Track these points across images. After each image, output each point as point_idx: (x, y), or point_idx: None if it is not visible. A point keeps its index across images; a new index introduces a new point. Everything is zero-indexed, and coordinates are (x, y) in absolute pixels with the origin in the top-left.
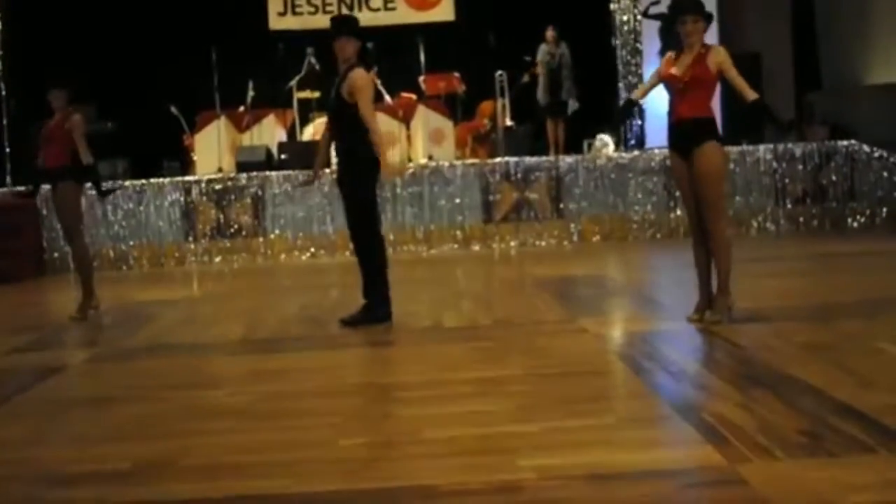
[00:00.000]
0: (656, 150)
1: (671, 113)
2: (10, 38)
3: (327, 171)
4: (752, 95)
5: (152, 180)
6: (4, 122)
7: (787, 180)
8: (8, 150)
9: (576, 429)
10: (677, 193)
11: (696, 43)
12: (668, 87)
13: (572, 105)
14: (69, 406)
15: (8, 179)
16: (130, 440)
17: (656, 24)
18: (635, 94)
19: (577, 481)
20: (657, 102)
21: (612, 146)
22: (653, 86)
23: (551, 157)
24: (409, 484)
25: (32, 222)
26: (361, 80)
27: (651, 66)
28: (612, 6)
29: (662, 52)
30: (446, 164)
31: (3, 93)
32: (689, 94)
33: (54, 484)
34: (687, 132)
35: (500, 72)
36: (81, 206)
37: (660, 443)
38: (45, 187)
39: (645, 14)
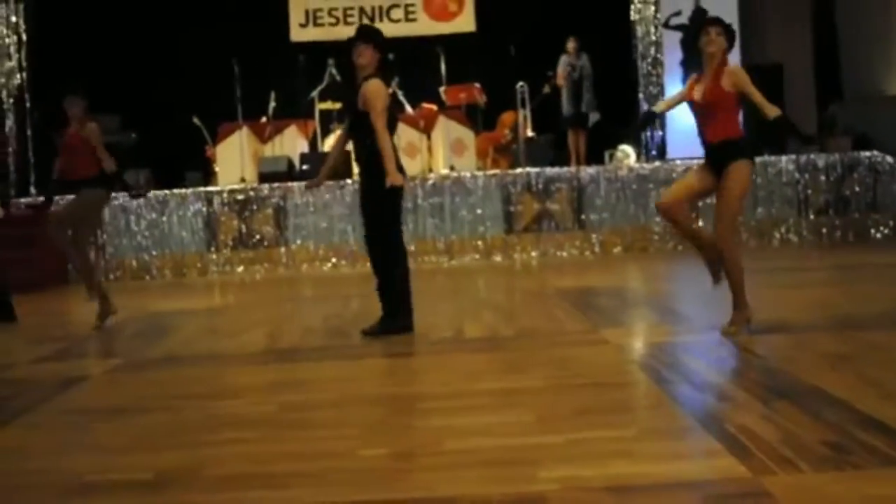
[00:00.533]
0: (678, 161)
1: (700, 134)
2: (34, 48)
3: (349, 181)
4: (773, 111)
5: (175, 191)
6: (28, 132)
7: (809, 191)
8: (32, 160)
9: (598, 440)
10: (700, 204)
11: (716, 55)
12: (691, 110)
13: (593, 117)
14: (91, 416)
15: (32, 189)
16: (152, 450)
17: (678, 35)
18: (658, 107)
19: (600, 493)
20: (679, 114)
21: (633, 157)
22: (677, 102)
23: (572, 168)
24: (431, 495)
25: None
26: (373, 91)
27: (672, 77)
28: (633, 17)
29: (684, 63)
30: (467, 174)
31: (28, 104)
32: (710, 118)
33: (76, 493)
34: (718, 155)
35: (520, 83)
36: (103, 215)
37: (682, 454)
38: (60, 198)
39: (666, 25)
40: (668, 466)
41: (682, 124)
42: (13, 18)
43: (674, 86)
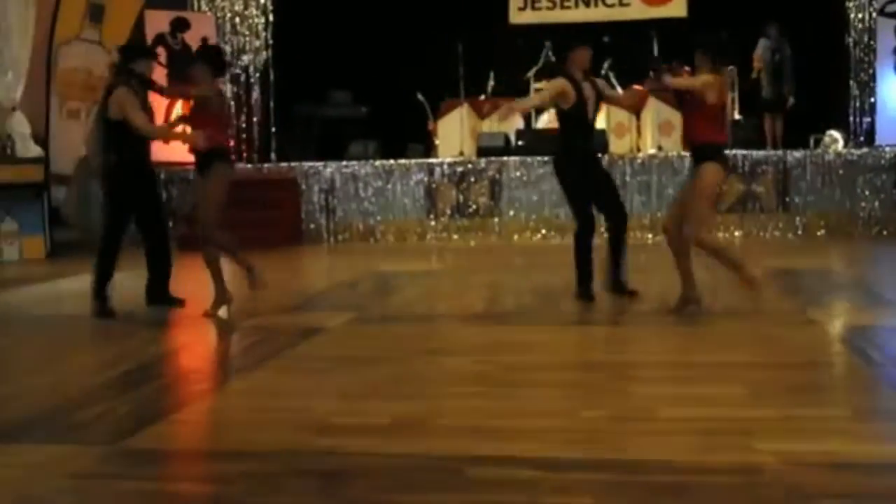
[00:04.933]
0: (887, 148)
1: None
2: (279, 28)
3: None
4: None
5: (400, 161)
6: (271, 104)
7: None
8: (273, 129)
9: (811, 417)
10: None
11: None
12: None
13: (789, 101)
14: (331, 363)
15: (272, 156)
16: (388, 398)
17: (892, 23)
18: None
19: (817, 468)
20: (889, 99)
21: (841, 142)
22: None
23: (779, 152)
24: (649, 458)
25: (293, 196)
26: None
27: (884, 65)
28: (848, 4)
29: None
30: (674, 154)
31: (272, 78)
32: None
33: (322, 432)
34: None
35: (729, 67)
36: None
37: None
38: None
39: (881, 12)
40: (884, 447)
41: (891, 111)
42: (262, 0)
43: (885, 73)
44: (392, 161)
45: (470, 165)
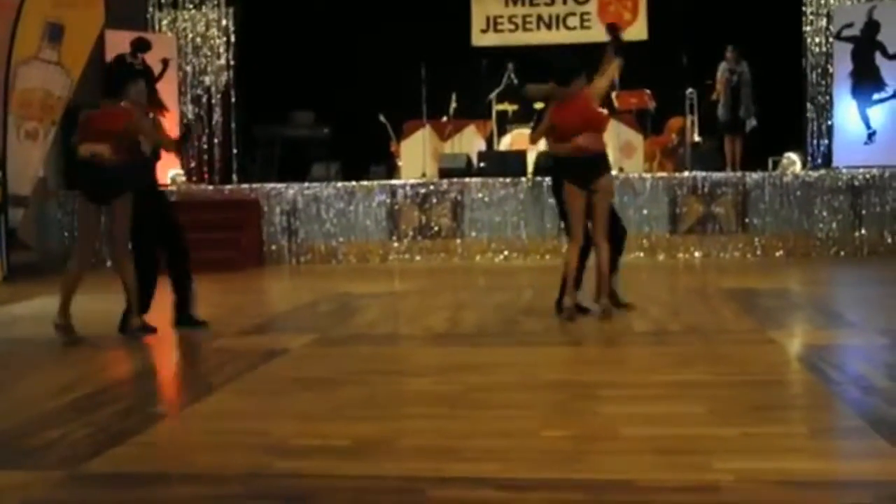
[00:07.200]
0: (843, 170)
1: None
2: (240, 49)
3: (523, 179)
4: None
5: (362, 182)
6: (232, 125)
7: None
8: (235, 151)
9: (769, 435)
10: (863, 212)
11: None
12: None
13: (750, 123)
14: (292, 385)
15: (234, 177)
16: (349, 420)
17: (848, 47)
18: None
19: (773, 486)
20: (845, 123)
21: (799, 164)
22: None
23: (738, 173)
24: (610, 477)
25: (255, 217)
26: None
27: (840, 88)
28: (805, 29)
29: (854, 75)
30: (635, 175)
31: (233, 99)
32: None
33: (282, 455)
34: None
35: (690, 89)
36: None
37: (854, 454)
38: None
39: (837, 36)
40: (840, 465)
41: (849, 130)
42: (224, 22)
43: (842, 96)
44: (354, 182)
45: (432, 187)
